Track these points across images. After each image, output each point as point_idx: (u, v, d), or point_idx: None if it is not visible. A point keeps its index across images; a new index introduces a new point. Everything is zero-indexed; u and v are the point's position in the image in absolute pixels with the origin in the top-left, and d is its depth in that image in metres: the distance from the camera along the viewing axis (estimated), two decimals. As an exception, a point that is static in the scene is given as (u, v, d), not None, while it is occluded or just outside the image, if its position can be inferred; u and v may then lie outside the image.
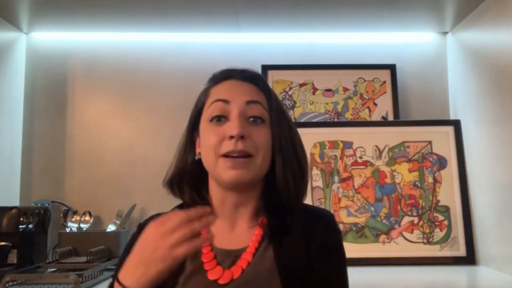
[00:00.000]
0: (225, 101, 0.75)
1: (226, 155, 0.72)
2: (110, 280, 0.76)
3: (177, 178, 0.80)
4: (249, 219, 0.78)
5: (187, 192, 0.79)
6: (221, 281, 0.71)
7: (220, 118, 0.74)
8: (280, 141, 0.76)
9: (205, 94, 0.80)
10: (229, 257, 0.74)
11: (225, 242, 0.76)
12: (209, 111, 0.76)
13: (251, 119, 0.75)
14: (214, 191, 0.78)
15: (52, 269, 1.34)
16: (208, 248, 0.75)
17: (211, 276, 0.72)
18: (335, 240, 0.77)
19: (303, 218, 0.77)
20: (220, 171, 0.72)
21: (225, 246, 0.75)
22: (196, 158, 0.79)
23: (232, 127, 0.72)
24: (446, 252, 1.52)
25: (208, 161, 0.75)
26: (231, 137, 0.71)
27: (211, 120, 0.75)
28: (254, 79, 0.79)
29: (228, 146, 0.71)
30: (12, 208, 1.41)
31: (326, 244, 0.75)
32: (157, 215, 0.81)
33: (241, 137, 0.71)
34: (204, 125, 0.77)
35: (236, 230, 0.77)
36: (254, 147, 0.73)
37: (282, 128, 0.77)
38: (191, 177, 0.79)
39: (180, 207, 0.83)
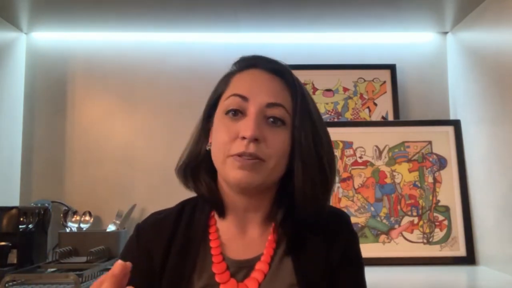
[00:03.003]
0: (243, 98, 0.67)
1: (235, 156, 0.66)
2: None
3: (192, 166, 0.73)
4: (261, 224, 0.72)
5: (204, 182, 0.72)
6: None
7: (237, 113, 0.67)
8: (301, 147, 0.68)
9: (225, 81, 0.73)
10: (243, 268, 0.69)
11: (237, 251, 0.70)
12: (225, 104, 0.69)
13: (271, 119, 0.67)
14: (224, 191, 0.72)
15: (52, 269, 1.34)
16: (219, 257, 0.69)
17: None
18: (355, 248, 0.74)
19: (321, 225, 0.72)
20: (228, 170, 0.66)
21: (237, 256, 0.70)
22: (207, 148, 0.72)
23: (246, 127, 0.65)
24: (446, 252, 1.52)
25: (216, 158, 0.69)
26: (244, 138, 0.65)
27: (227, 113, 0.68)
28: (281, 73, 0.71)
29: (238, 147, 0.65)
30: (12, 208, 1.41)
31: (347, 253, 0.71)
32: (156, 214, 0.77)
33: (255, 140, 0.65)
34: (219, 117, 0.70)
35: (247, 237, 0.72)
36: (266, 152, 0.66)
37: (305, 132, 0.68)
38: (208, 166, 0.72)
39: (183, 205, 0.77)
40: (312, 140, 0.69)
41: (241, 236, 0.72)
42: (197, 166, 0.73)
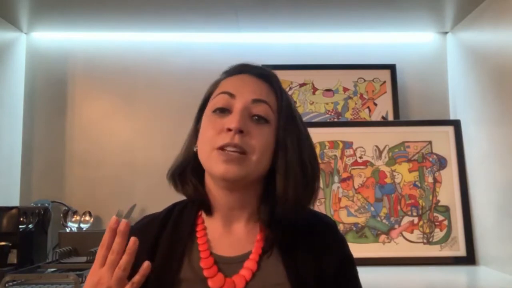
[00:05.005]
0: (231, 95, 0.70)
1: (221, 148, 0.67)
2: None
3: (180, 169, 0.75)
4: (247, 222, 0.73)
5: (191, 183, 0.73)
6: None
7: (224, 111, 0.70)
8: (286, 147, 0.70)
9: (214, 85, 0.76)
10: (230, 265, 0.69)
11: (224, 248, 0.71)
12: (213, 102, 0.72)
13: (255, 117, 0.70)
14: (210, 190, 0.73)
15: (52, 269, 1.34)
16: (207, 253, 0.70)
17: (212, 284, 0.67)
18: (348, 251, 0.76)
19: (310, 229, 0.73)
20: (213, 163, 0.68)
21: (224, 253, 0.71)
22: (195, 149, 0.74)
23: (232, 120, 0.67)
24: (446, 252, 1.52)
25: (202, 153, 0.70)
26: (229, 129, 0.67)
27: (214, 111, 0.71)
28: (268, 77, 0.75)
29: (224, 138, 0.67)
30: (12, 208, 1.41)
31: (341, 260, 0.73)
32: (147, 216, 0.79)
33: (240, 132, 0.67)
34: (206, 116, 0.72)
35: (234, 235, 0.73)
36: (251, 145, 0.68)
37: (289, 133, 0.71)
38: (195, 167, 0.74)
39: (173, 206, 0.78)
40: (297, 143, 0.71)
41: (228, 234, 0.73)
42: (185, 168, 0.75)
